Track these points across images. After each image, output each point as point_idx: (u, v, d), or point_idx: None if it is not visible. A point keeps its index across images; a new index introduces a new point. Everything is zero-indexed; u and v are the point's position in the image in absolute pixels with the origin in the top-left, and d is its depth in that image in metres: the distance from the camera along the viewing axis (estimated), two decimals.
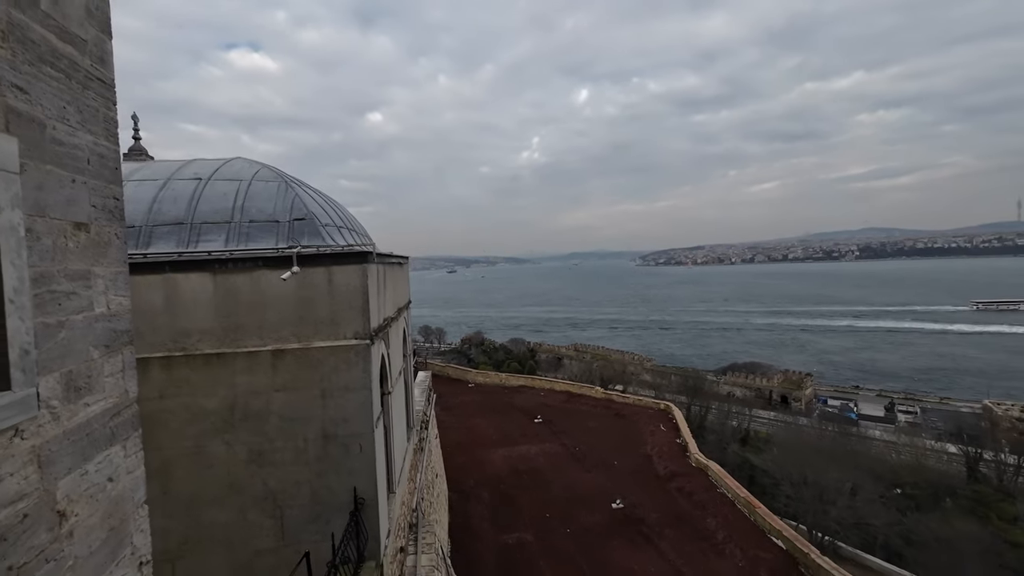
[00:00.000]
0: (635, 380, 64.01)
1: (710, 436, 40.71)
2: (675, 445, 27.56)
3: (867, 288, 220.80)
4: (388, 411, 9.06)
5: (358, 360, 7.17)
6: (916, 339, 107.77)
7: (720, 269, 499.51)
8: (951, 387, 70.74)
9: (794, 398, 62.15)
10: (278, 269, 6.93)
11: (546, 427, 30.77)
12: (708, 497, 21.73)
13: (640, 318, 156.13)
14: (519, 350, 72.94)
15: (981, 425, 47.27)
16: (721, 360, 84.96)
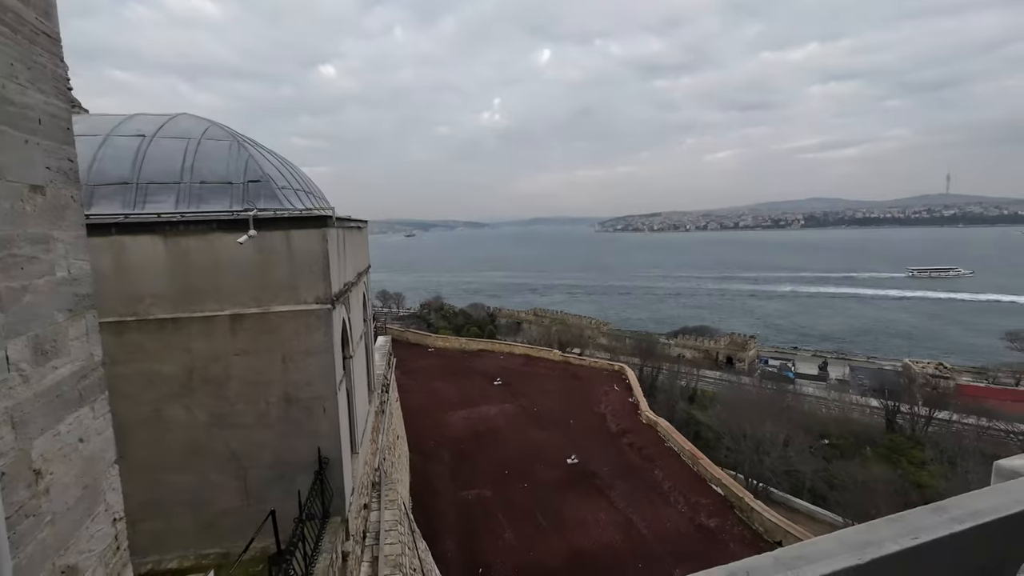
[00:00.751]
0: (592, 343, 66.01)
1: (660, 395, 42.91)
2: (628, 404, 28.99)
3: (811, 256, 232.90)
4: (350, 375, 9.18)
5: (320, 325, 7.21)
6: (853, 304, 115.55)
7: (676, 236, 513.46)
8: (878, 348, 76.71)
9: (738, 359, 65.96)
10: (234, 232, 6.78)
11: (505, 389, 31.60)
12: (656, 451, 23.20)
13: (598, 283, 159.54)
14: (479, 315, 73.48)
15: (900, 382, 51.95)
16: (673, 324, 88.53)
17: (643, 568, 17.03)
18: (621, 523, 19.04)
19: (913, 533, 0.99)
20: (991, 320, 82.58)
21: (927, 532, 0.99)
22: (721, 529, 18.71)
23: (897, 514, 1.04)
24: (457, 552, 17.78)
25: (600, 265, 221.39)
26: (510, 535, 18.45)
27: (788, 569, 0.99)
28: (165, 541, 7.05)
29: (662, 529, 18.75)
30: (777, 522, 18.27)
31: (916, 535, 0.99)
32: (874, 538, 1.00)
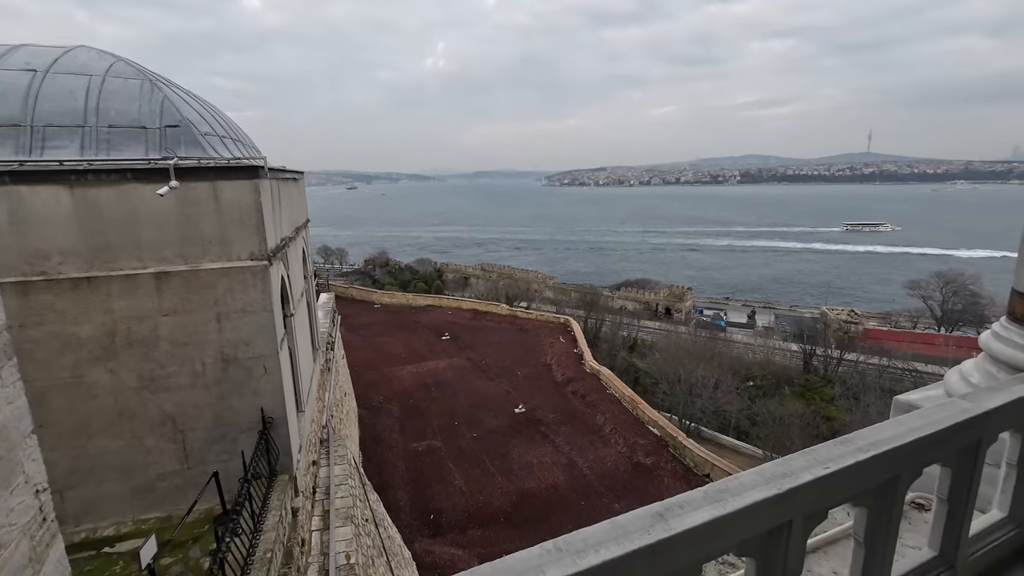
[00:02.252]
0: (539, 297, 67.23)
1: (603, 345, 44.77)
2: (572, 354, 30.09)
3: (748, 211, 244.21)
4: (292, 333, 8.90)
5: (256, 282, 6.86)
6: (785, 256, 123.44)
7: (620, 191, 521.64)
8: (803, 297, 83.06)
9: (676, 309, 69.52)
10: (152, 184, 6.20)
11: (453, 343, 31.85)
12: (599, 397, 24.43)
13: (545, 238, 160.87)
14: (425, 270, 72.59)
15: (818, 327, 56.86)
16: (617, 277, 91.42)
17: (584, 504, 18.29)
18: (564, 464, 20.19)
19: (824, 464, 1.09)
20: (905, 270, 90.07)
21: (835, 462, 1.10)
22: (656, 465, 20.26)
23: (810, 448, 1.15)
24: (409, 500, 18.30)
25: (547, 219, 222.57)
26: (460, 482, 19.15)
27: (715, 502, 1.11)
28: (98, 508, 6.77)
29: (603, 468, 20.07)
30: (706, 457, 19.99)
31: (827, 465, 1.10)
32: (789, 470, 1.12)
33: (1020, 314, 1.81)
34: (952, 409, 1.32)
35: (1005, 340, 1.82)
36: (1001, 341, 1.82)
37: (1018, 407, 1.37)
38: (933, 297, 61.41)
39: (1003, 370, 1.78)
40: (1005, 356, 1.78)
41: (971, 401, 1.38)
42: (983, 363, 1.88)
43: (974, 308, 58.67)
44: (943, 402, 1.39)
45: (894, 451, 1.16)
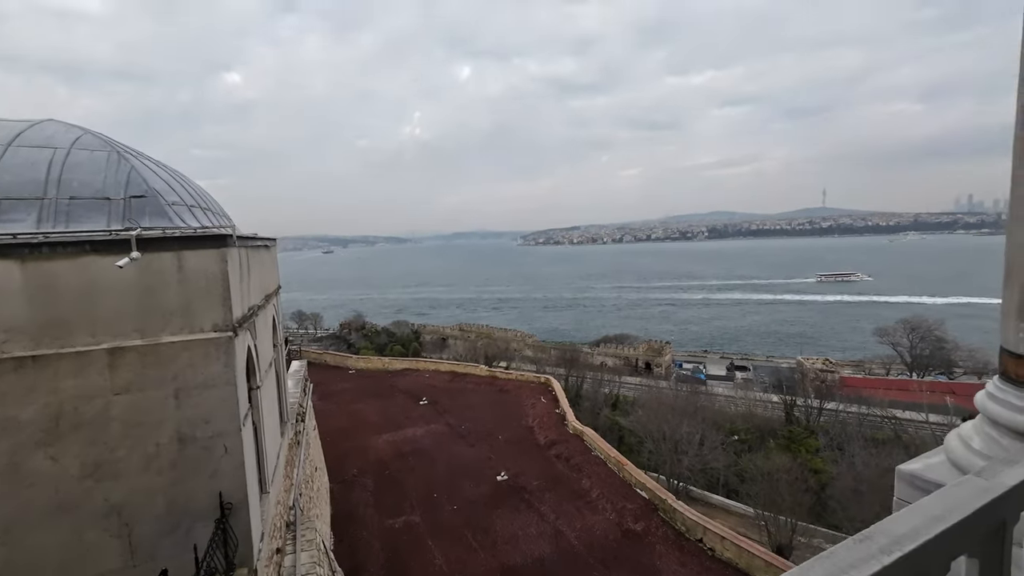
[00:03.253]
0: (518, 356, 66.56)
1: (585, 403, 43.99)
2: (554, 415, 29.37)
3: (722, 264, 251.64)
4: (257, 406, 8.42)
5: (219, 354, 6.53)
6: (759, 307, 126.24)
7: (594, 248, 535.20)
8: (778, 347, 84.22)
9: (656, 364, 69.50)
10: (112, 255, 5.97)
11: (431, 408, 30.84)
12: (583, 460, 23.63)
13: (523, 296, 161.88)
14: (403, 333, 71.57)
15: (795, 377, 57.32)
16: (596, 332, 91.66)
17: None
18: (551, 535, 19.09)
19: (845, 572, 0.95)
20: (874, 318, 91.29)
21: (858, 569, 0.96)
22: (647, 531, 19.33)
23: (827, 551, 1.00)
24: None
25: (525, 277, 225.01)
26: (440, 560, 17.83)
27: None
28: None
29: (591, 537, 19.03)
30: (697, 520, 19.21)
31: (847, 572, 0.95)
32: None
33: (1013, 374, 1.74)
34: (970, 489, 1.20)
35: (1002, 402, 1.73)
36: (998, 403, 1.74)
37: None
38: (901, 344, 63.02)
39: (1005, 435, 1.69)
40: (1005, 419, 1.69)
41: (986, 478, 1.26)
42: (983, 426, 1.78)
43: (941, 353, 60.28)
44: (959, 481, 1.27)
45: (920, 549, 1.02)
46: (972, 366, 57.83)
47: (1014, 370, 1.74)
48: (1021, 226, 1.80)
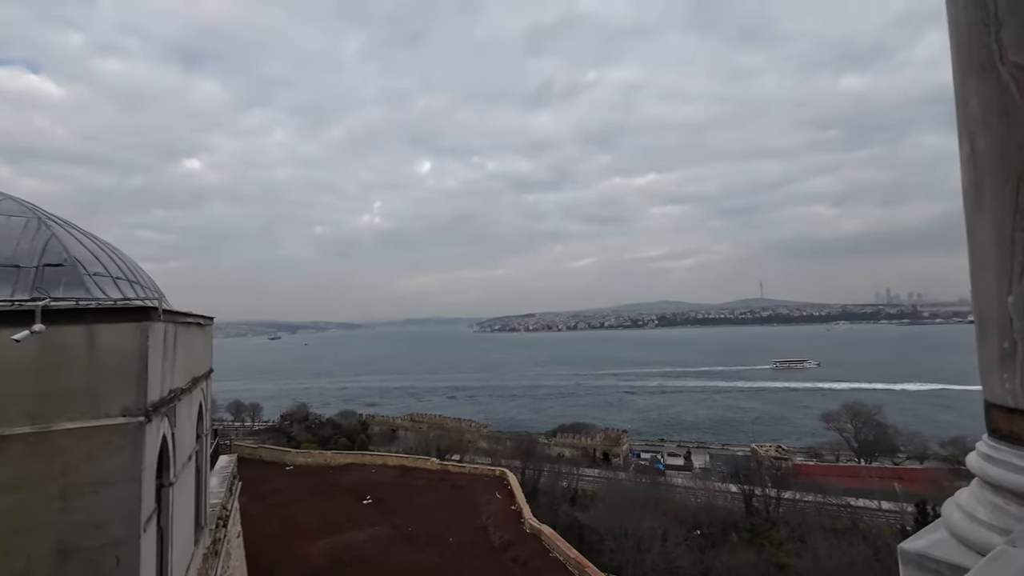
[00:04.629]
0: (472, 448, 63.40)
1: (543, 498, 41.61)
2: (510, 512, 27.42)
3: (677, 352, 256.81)
4: (167, 508, 7.28)
5: (125, 443, 5.68)
6: (712, 395, 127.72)
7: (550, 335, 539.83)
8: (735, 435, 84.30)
9: (613, 454, 67.79)
10: (12, 328, 5.27)
11: (376, 507, 28.18)
12: (541, 563, 21.76)
13: (480, 384, 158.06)
14: (349, 424, 67.28)
15: (751, 465, 57.04)
16: (554, 422, 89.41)
17: None
18: None
19: None
20: (821, 403, 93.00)
21: None
22: None
23: None
24: None
25: (481, 365, 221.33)
26: None
27: None
28: None
29: None
30: None
31: None
32: None
33: (1007, 431, 1.58)
34: (1013, 565, 0.96)
35: (1001, 463, 1.56)
36: (997, 464, 1.56)
37: None
38: (846, 429, 64.77)
39: (1011, 500, 1.51)
40: (1009, 483, 1.51)
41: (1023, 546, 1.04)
42: (983, 492, 1.59)
43: (883, 438, 62.21)
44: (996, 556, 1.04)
45: None
46: (913, 450, 59.73)
47: (1007, 426, 1.59)
48: (986, 275, 1.74)
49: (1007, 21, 1.62)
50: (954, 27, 1.89)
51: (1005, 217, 1.64)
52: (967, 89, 1.82)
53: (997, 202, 1.67)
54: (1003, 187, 1.65)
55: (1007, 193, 1.63)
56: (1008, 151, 1.63)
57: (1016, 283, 1.58)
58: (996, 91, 1.67)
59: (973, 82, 1.77)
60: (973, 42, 1.75)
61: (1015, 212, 1.60)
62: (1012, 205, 1.61)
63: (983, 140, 1.74)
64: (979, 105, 1.75)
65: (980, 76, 1.73)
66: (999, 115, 1.65)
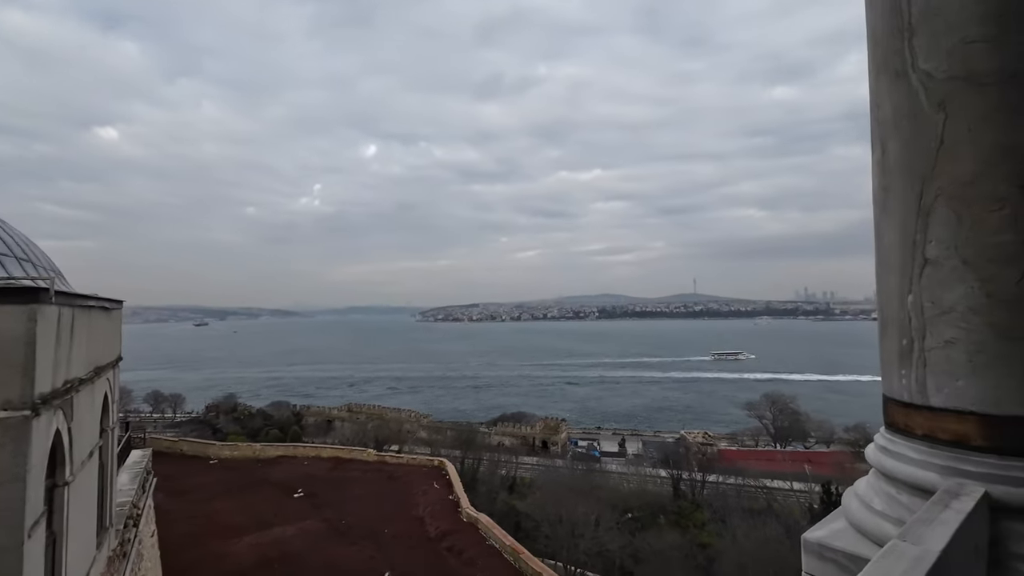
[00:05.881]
0: (412, 438, 62.67)
1: (482, 487, 41.87)
2: (448, 502, 27.36)
3: (617, 344, 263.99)
4: (62, 509, 6.61)
5: (7, 440, 5.06)
6: (650, 385, 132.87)
7: (493, 326, 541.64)
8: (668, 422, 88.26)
9: (552, 442, 69.25)
10: None
11: (308, 501, 27.23)
12: (477, 552, 21.89)
13: (422, 374, 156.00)
14: (281, 415, 64.55)
15: (680, 451, 60.16)
16: (496, 412, 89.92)
17: None
18: None
19: None
20: (748, 393, 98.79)
21: None
22: None
23: None
24: None
25: (424, 355, 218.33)
26: None
27: None
28: None
29: None
30: None
31: None
32: None
33: (902, 424, 1.64)
34: (904, 560, 0.97)
35: (896, 455, 1.62)
36: (892, 456, 1.62)
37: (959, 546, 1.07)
38: (766, 416, 69.73)
39: (903, 491, 1.57)
40: (902, 474, 1.57)
41: (913, 542, 1.05)
42: (879, 483, 1.65)
43: (797, 425, 67.65)
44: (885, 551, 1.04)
45: None
46: (822, 436, 65.35)
47: (902, 420, 1.66)
48: (889, 275, 1.79)
49: (919, 29, 1.68)
50: (871, 34, 1.96)
51: (909, 219, 1.71)
52: (880, 94, 1.89)
53: (903, 205, 1.74)
54: (909, 191, 1.72)
55: (912, 196, 1.70)
56: (915, 156, 1.70)
57: (916, 283, 1.66)
58: (907, 97, 1.73)
59: (886, 88, 1.84)
60: (888, 49, 1.81)
61: (918, 215, 1.67)
62: (916, 208, 1.68)
63: (893, 144, 1.80)
64: (891, 110, 1.81)
65: (893, 82, 1.79)
66: (909, 120, 1.72)
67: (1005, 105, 1.54)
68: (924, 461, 1.54)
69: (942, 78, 1.62)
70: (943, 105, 1.62)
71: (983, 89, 1.56)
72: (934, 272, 1.62)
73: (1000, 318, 1.50)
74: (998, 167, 1.53)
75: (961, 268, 1.56)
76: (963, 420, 1.51)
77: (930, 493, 1.45)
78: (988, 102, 1.55)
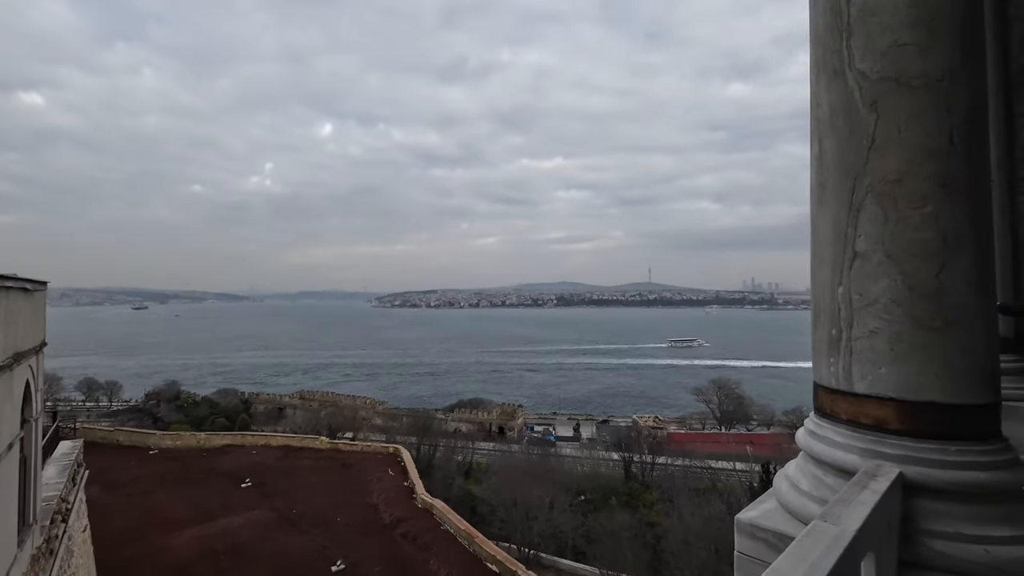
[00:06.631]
0: (367, 425, 61.82)
1: (438, 473, 41.93)
2: (403, 488, 27.26)
3: (572, 330, 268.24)
4: None
5: None
6: (606, 371, 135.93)
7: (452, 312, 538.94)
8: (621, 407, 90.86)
9: (509, 428, 70.05)
10: None
11: (256, 491, 26.45)
12: (432, 537, 21.96)
13: (379, 361, 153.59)
14: (229, 403, 62.12)
15: (632, 435, 62.22)
16: (454, 399, 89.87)
17: None
18: None
19: None
20: (697, 378, 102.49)
21: None
22: None
23: None
24: None
25: (381, 342, 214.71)
26: None
27: None
28: None
29: None
30: None
31: None
32: None
33: (829, 410, 1.72)
34: (825, 539, 1.01)
35: (822, 439, 1.70)
36: (819, 440, 1.70)
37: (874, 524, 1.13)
38: (712, 401, 73.04)
39: (828, 472, 1.65)
40: (827, 457, 1.64)
41: (832, 522, 1.10)
42: (806, 465, 1.73)
43: (741, 408, 71.30)
44: (808, 531, 1.09)
45: None
46: (763, 418, 69.18)
47: (830, 406, 1.73)
48: (822, 267, 1.86)
49: (857, 30, 1.74)
50: (813, 32, 2.01)
51: (842, 214, 1.78)
52: (819, 93, 1.95)
53: (836, 200, 1.81)
54: (842, 186, 1.79)
55: (845, 192, 1.77)
56: (849, 153, 1.77)
57: (846, 275, 1.73)
58: (843, 96, 1.79)
59: (824, 86, 1.90)
60: (827, 47, 1.87)
61: (850, 209, 1.75)
62: (848, 203, 1.75)
63: (829, 141, 1.87)
64: (828, 108, 1.87)
65: (831, 80, 1.85)
66: (844, 118, 1.78)
67: (932, 107, 1.62)
68: (847, 444, 1.63)
69: (875, 78, 1.69)
70: (875, 105, 1.69)
71: (912, 91, 1.64)
72: (862, 265, 1.70)
73: (920, 310, 1.60)
74: (923, 166, 1.62)
75: (886, 262, 1.64)
76: (883, 405, 1.61)
77: (852, 475, 1.54)
78: (916, 104, 1.63)
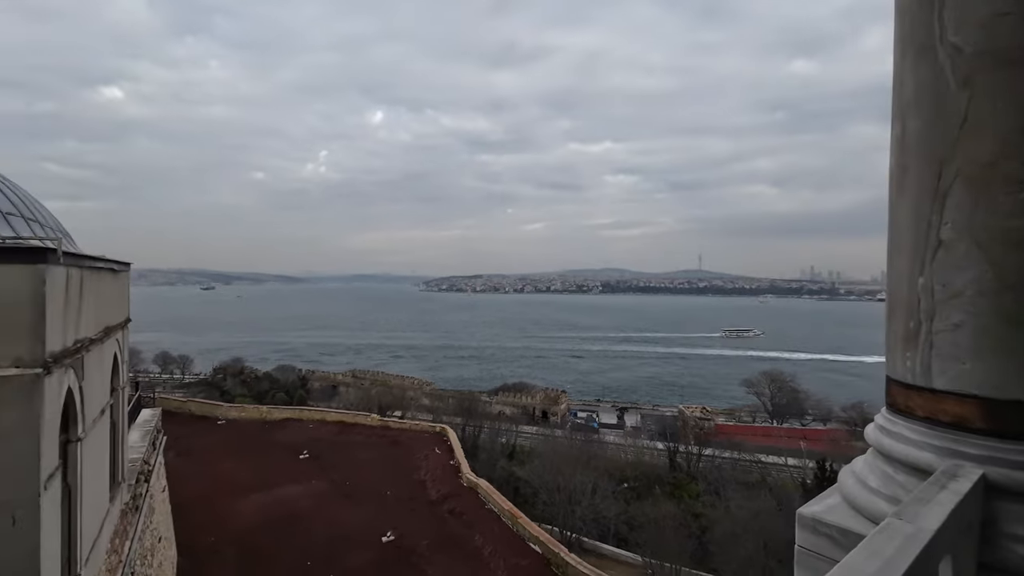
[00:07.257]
0: (414, 405, 63.83)
1: (482, 454, 42.84)
2: (449, 467, 28.04)
3: (619, 317, 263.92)
4: (75, 464, 6.82)
5: (19, 397, 5.18)
6: (655, 360, 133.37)
7: (496, 297, 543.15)
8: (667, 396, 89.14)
9: (552, 413, 70.36)
10: None
11: (313, 463, 27.96)
12: (477, 515, 22.54)
13: (427, 343, 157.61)
14: (287, 379, 65.62)
15: (677, 424, 61.09)
16: (498, 382, 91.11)
17: None
18: None
19: None
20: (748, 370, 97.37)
21: None
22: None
23: None
24: None
25: (429, 324, 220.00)
26: None
27: None
28: None
29: None
30: (588, 573, 18.91)
31: None
32: None
33: (903, 405, 1.64)
34: (898, 538, 0.99)
35: (895, 435, 1.63)
36: (891, 437, 1.63)
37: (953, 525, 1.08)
38: (764, 393, 70.41)
39: (900, 470, 1.59)
40: (899, 454, 1.58)
41: (908, 520, 1.07)
42: (876, 462, 1.67)
43: (795, 402, 68.34)
44: (881, 528, 1.06)
45: None
46: (819, 414, 66.05)
47: (903, 401, 1.66)
48: (900, 256, 1.77)
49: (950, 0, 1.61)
50: (898, 4, 1.87)
51: (924, 201, 1.67)
52: (905, 69, 1.82)
53: (919, 185, 1.70)
54: (926, 171, 1.67)
55: (929, 177, 1.66)
56: (935, 135, 1.65)
57: (928, 265, 1.63)
58: (932, 73, 1.67)
59: (911, 62, 1.77)
60: (916, 20, 1.73)
61: (934, 196, 1.63)
62: (932, 189, 1.64)
63: (913, 122, 1.75)
64: (914, 86, 1.75)
65: (918, 56, 1.72)
66: (932, 96, 1.66)
67: None
68: (922, 442, 1.55)
69: (970, 52, 1.56)
70: (968, 82, 1.57)
71: (1012, 66, 1.50)
72: (947, 254, 1.59)
73: (1009, 303, 1.49)
74: (1019, 149, 1.49)
75: (974, 251, 1.54)
76: (964, 403, 1.52)
77: (926, 473, 1.47)
78: (1016, 80, 1.50)
